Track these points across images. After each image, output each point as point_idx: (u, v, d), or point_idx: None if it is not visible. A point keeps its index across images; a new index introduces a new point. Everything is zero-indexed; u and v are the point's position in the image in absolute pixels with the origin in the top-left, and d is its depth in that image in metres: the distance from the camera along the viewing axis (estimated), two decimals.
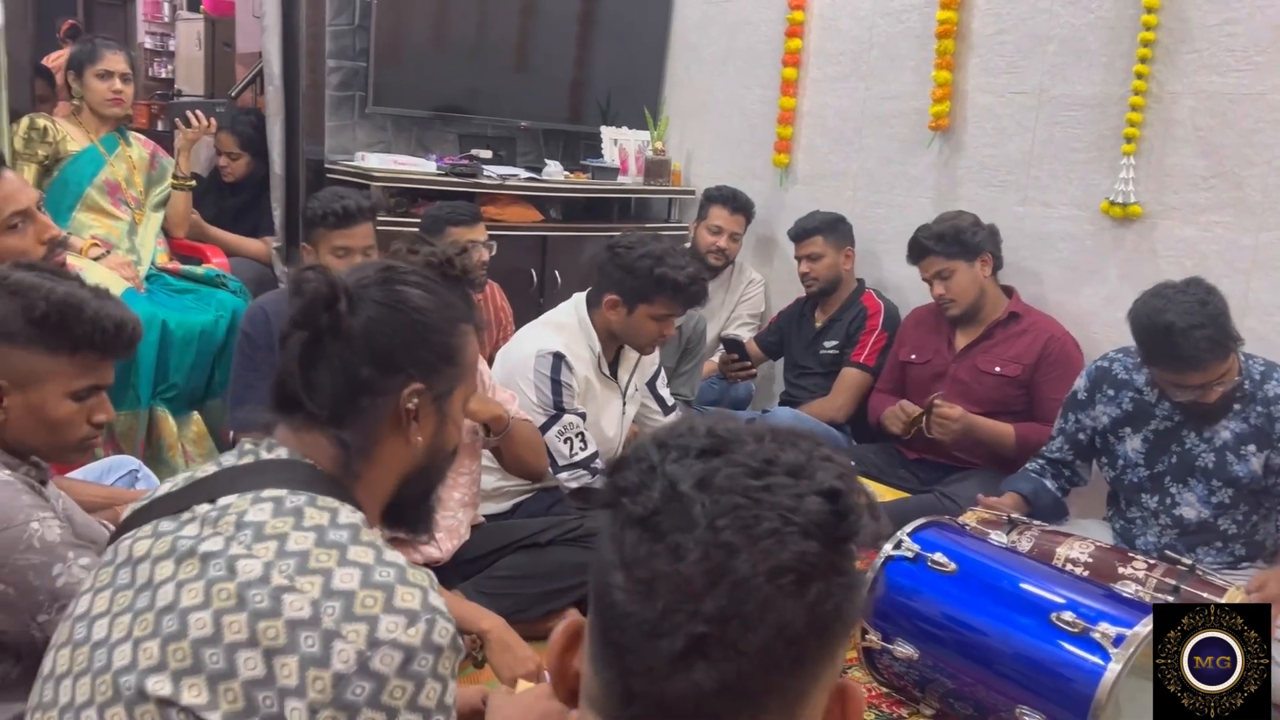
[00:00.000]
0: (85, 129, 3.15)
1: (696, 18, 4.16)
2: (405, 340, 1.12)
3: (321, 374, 1.10)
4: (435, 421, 1.17)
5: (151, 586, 0.99)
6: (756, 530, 0.61)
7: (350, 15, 3.74)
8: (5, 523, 1.34)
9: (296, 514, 1.01)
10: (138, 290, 2.98)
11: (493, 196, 3.72)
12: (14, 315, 1.39)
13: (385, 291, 1.13)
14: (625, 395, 2.69)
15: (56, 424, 1.44)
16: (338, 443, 1.10)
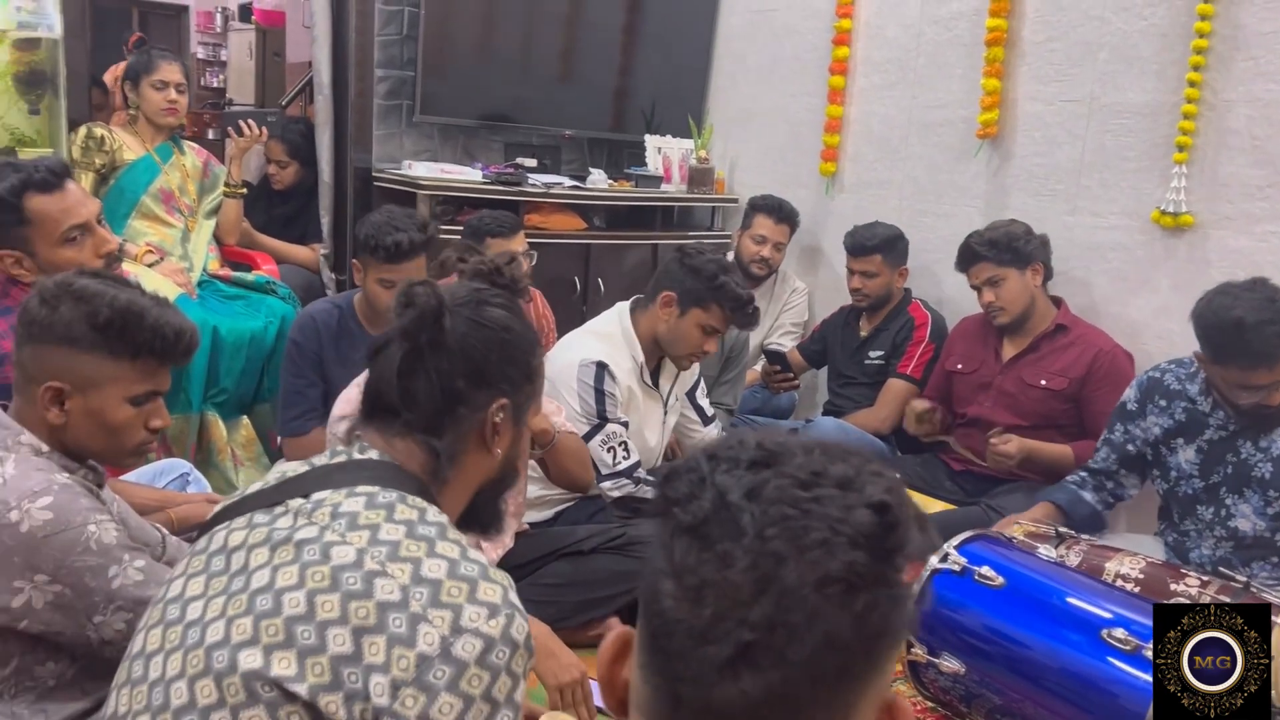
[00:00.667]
0: (141, 138, 3.22)
1: (742, 26, 4.15)
2: (497, 357, 1.21)
3: (419, 384, 1.17)
4: (512, 434, 1.25)
5: (246, 571, 1.04)
6: (805, 540, 0.61)
7: (399, 25, 3.78)
8: (63, 525, 1.36)
9: (388, 508, 1.07)
10: (190, 296, 3.03)
11: (537, 205, 3.74)
12: (78, 320, 1.42)
13: (476, 310, 1.22)
14: (667, 405, 2.69)
15: (115, 428, 1.47)
16: (429, 450, 1.17)
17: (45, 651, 1.41)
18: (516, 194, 3.68)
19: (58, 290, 1.44)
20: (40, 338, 1.43)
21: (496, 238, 2.92)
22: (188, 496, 2.18)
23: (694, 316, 2.49)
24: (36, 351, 1.44)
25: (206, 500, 2.15)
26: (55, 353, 1.43)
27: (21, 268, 1.88)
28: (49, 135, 2.97)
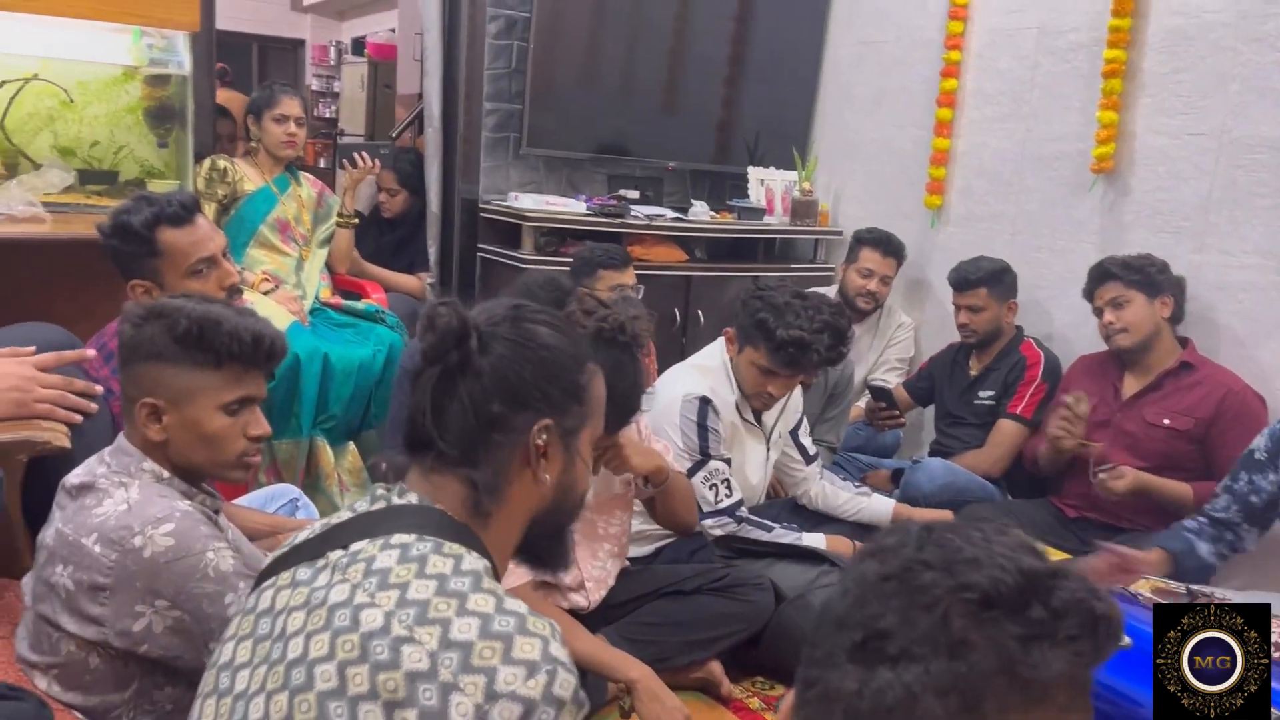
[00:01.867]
0: (260, 169, 3.32)
1: (849, 57, 4.11)
2: (534, 377, 1.12)
3: (452, 411, 1.09)
4: (563, 459, 1.16)
5: (284, 638, 1.00)
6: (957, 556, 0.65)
7: (507, 60, 3.85)
8: (184, 551, 1.39)
9: (420, 561, 1.01)
10: (302, 324, 3.10)
11: (639, 236, 3.75)
12: (161, 335, 1.46)
13: (515, 329, 1.13)
14: (770, 441, 2.64)
15: (213, 438, 1.49)
16: (468, 482, 1.09)
17: (164, 676, 1.44)
18: (619, 226, 3.70)
19: (143, 311, 1.48)
20: (131, 359, 1.48)
21: (608, 270, 2.93)
22: (296, 522, 2.21)
23: (747, 355, 2.44)
24: (130, 373, 1.49)
25: None
26: (146, 370, 1.47)
27: (150, 298, 1.94)
28: (176, 167, 3.10)
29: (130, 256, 1.97)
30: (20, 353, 1.77)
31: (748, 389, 2.48)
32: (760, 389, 2.45)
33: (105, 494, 1.43)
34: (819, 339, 2.36)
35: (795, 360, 2.36)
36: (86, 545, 1.38)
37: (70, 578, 1.39)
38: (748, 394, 2.50)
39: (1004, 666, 0.62)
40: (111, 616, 1.38)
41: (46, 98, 2.93)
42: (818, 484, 2.71)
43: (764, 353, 2.39)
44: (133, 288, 1.97)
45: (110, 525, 1.39)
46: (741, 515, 2.42)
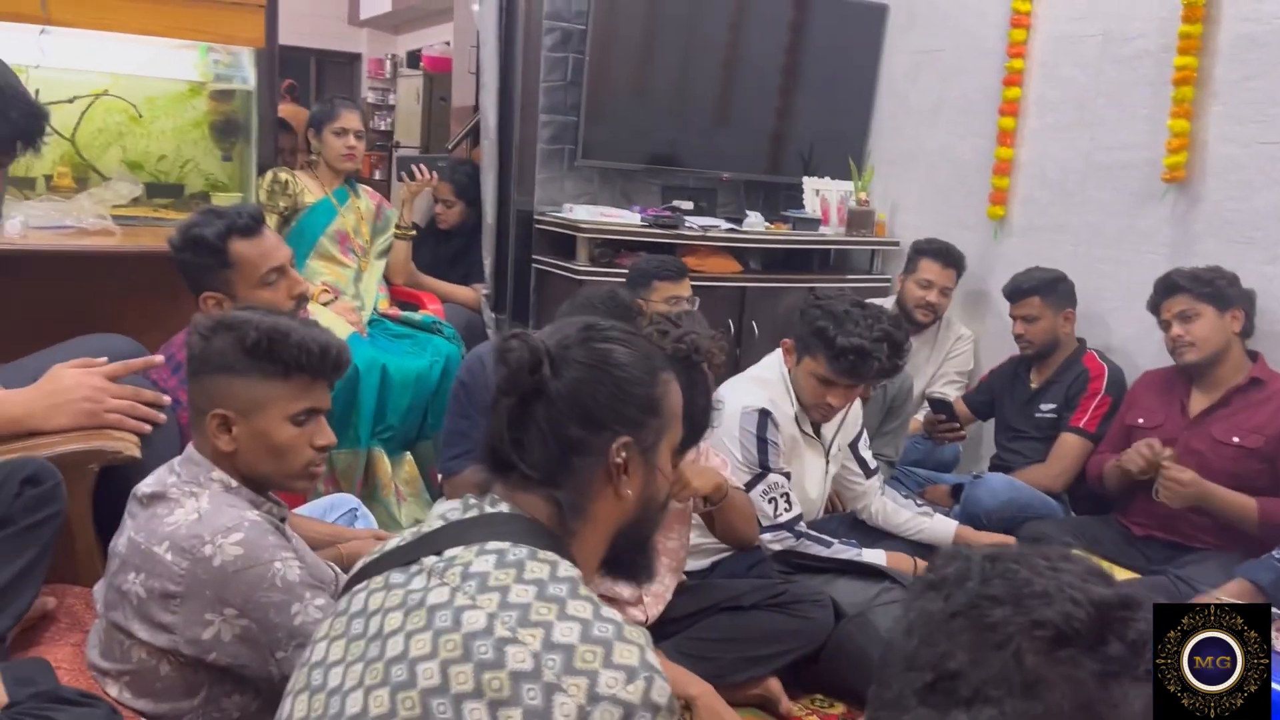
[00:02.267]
0: (320, 181, 3.37)
1: (906, 67, 4.07)
2: (609, 397, 1.14)
3: (531, 437, 1.12)
4: (644, 473, 1.17)
5: (381, 637, 1.02)
6: (1025, 590, 0.63)
7: (563, 72, 3.86)
8: (252, 561, 1.40)
9: (518, 567, 1.03)
10: (361, 335, 3.14)
11: (693, 247, 3.74)
12: (230, 347, 1.48)
13: (586, 351, 1.15)
14: (829, 454, 2.62)
15: (281, 449, 1.51)
16: (552, 502, 1.12)
17: (232, 684, 1.46)
18: (673, 237, 3.69)
19: (211, 324, 1.51)
20: (201, 370, 1.50)
21: (664, 281, 2.92)
22: (355, 532, 2.23)
23: (806, 365, 2.41)
24: (200, 384, 1.51)
25: (373, 537, 2.20)
26: (215, 382, 1.49)
27: (221, 309, 1.97)
28: (239, 180, 3.15)
29: (202, 268, 2.00)
30: (91, 363, 1.81)
31: (807, 400, 2.46)
32: (820, 399, 2.42)
33: (176, 503, 1.45)
34: (879, 348, 2.33)
35: (855, 369, 2.33)
36: (158, 553, 1.40)
37: (142, 585, 1.41)
38: (807, 405, 2.47)
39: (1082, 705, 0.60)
40: (181, 624, 1.40)
41: (116, 113, 3.00)
42: (878, 500, 2.67)
43: (823, 362, 2.36)
44: (204, 300, 1.99)
45: (181, 534, 1.41)
46: (800, 530, 2.40)
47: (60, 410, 1.70)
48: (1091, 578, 0.64)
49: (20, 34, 2.60)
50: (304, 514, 2.26)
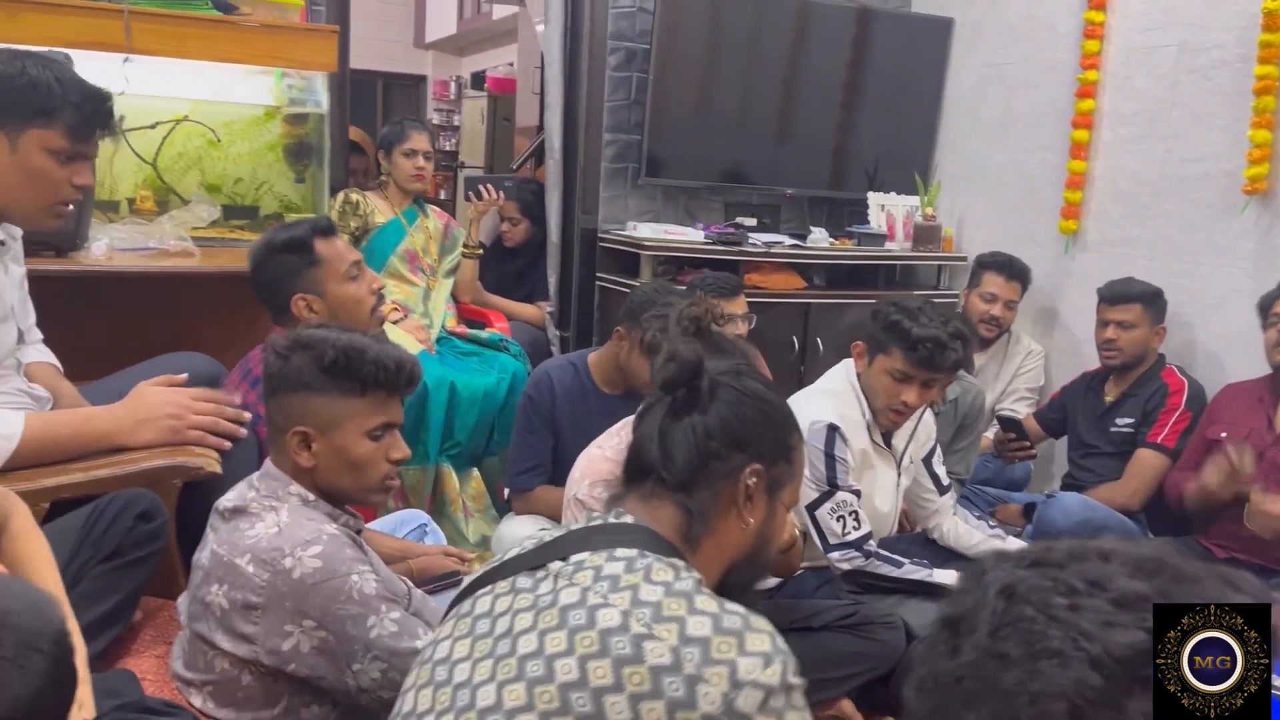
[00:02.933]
0: (390, 202, 3.43)
1: (973, 81, 4.03)
2: (754, 424, 1.23)
3: (677, 441, 1.21)
4: (766, 509, 1.24)
5: (511, 635, 1.07)
6: (1038, 647, 0.57)
7: (627, 91, 3.89)
8: (330, 574, 1.43)
9: (646, 570, 1.09)
10: (429, 352, 3.18)
11: (757, 264, 3.73)
12: (309, 366, 1.51)
13: (738, 380, 1.26)
14: (900, 467, 2.58)
15: (359, 463, 1.54)
16: (683, 509, 1.19)
17: (310, 695, 1.48)
18: (737, 254, 3.69)
19: (288, 343, 1.54)
20: (280, 389, 1.53)
21: (717, 299, 2.91)
22: (425, 548, 2.26)
23: (879, 364, 2.39)
24: (279, 402, 1.54)
25: (443, 553, 2.23)
26: (295, 400, 1.52)
27: (313, 311, 2.04)
28: (312, 202, 3.22)
29: (290, 272, 2.05)
30: (174, 381, 1.87)
31: (880, 401, 2.43)
32: (894, 398, 2.39)
33: (257, 517, 1.49)
34: (954, 342, 2.32)
35: (931, 359, 2.31)
36: (240, 565, 1.44)
37: (225, 596, 1.44)
38: (879, 409, 2.45)
39: None
40: (262, 635, 1.43)
41: (195, 138, 3.09)
42: (950, 519, 2.62)
43: (898, 354, 2.34)
44: (295, 301, 2.05)
45: (263, 546, 1.44)
46: (870, 549, 2.36)
47: (146, 427, 1.75)
48: (1122, 610, 0.58)
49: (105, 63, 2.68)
50: (375, 529, 2.30)
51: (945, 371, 2.39)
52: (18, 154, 1.68)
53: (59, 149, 1.71)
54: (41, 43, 2.42)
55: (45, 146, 1.70)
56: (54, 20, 2.63)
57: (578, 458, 2.15)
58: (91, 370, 2.15)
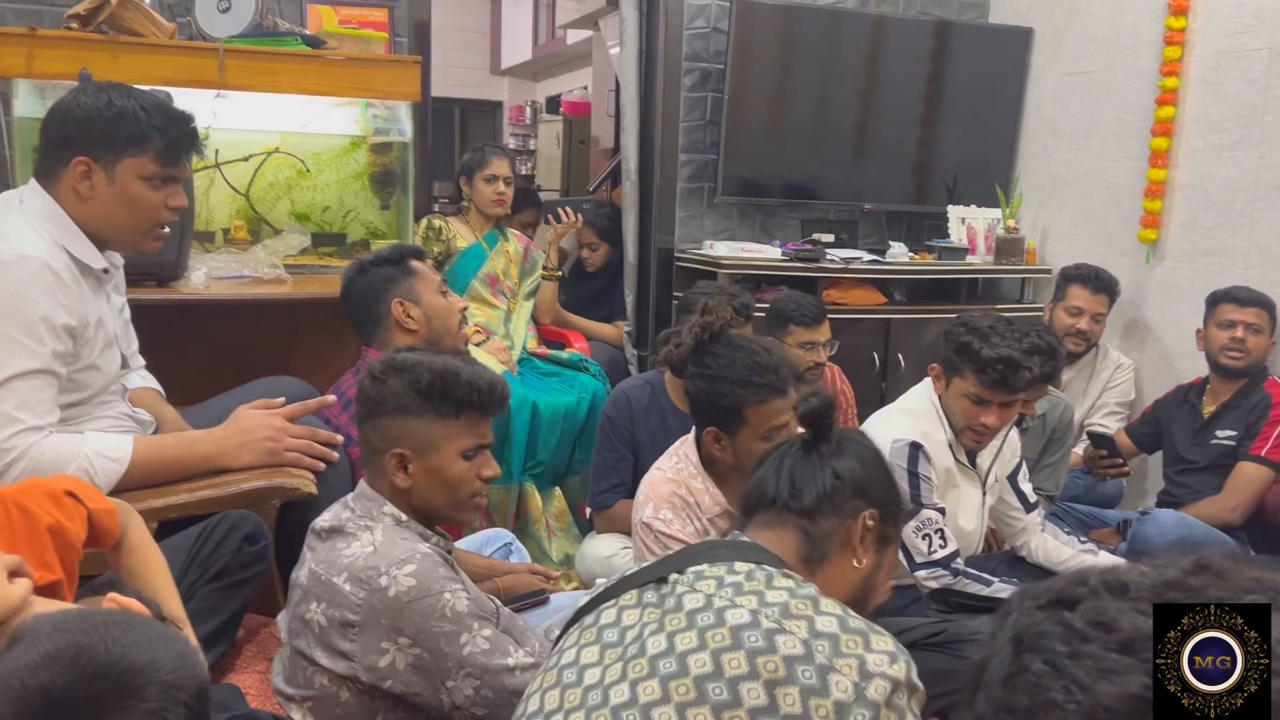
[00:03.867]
0: (471, 227, 3.50)
1: (1054, 90, 3.96)
2: (878, 475, 1.35)
3: (805, 473, 1.30)
4: (875, 557, 1.32)
5: (640, 640, 1.12)
6: (1039, 700, 0.55)
7: (702, 111, 3.92)
8: (424, 592, 1.46)
9: (768, 577, 1.15)
10: (511, 373, 3.23)
11: (835, 280, 3.71)
12: (405, 390, 1.54)
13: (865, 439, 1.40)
14: (985, 485, 2.53)
15: (453, 482, 1.57)
16: (804, 532, 1.27)
17: (405, 711, 1.51)
18: (815, 270, 3.67)
19: (384, 367, 1.58)
20: (377, 412, 1.57)
21: (799, 326, 2.90)
22: (511, 566, 2.29)
23: (955, 387, 2.34)
24: (376, 425, 1.57)
25: (529, 571, 2.26)
26: (392, 423, 1.55)
27: (409, 316, 2.14)
28: (396, 228, 3.31)
29: (387, 280, 2.17)
30: (271, 404, 1.93)
31: (960, 424, 2.39)
32: (974, 421, 2.35)
33: (353, 537, 1.53)
34: (1029, 358, 2.27)
35: (1005, 380, 2.25)
36: (338, 584, 1.47)
37: (323, 614, 1.48)
38: (961, 431, 2.41)
39: None
40: (360, 652, 1.46)
41: (285, 168, 3.20)
42: (1038, 536, 2.57)
43: (972, 378, 2.29)
44: (394, 305, 2.15)
45: (359, 565, 1.47)
46: (958, 567, 2.33)
47: (245, 449, 1.82)
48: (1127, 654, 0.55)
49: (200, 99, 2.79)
50: (462, 547, 2.33)
51: (1022, 391, 2.34)
52: (115, 184, 1.77)
53: (152, 174, 1.79)
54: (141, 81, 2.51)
55: (139, 174, 1.78)
56: (152, 59, 2.75)
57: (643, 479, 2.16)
58: (191, 394, 2.23)
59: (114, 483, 1.68)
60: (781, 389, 1.95)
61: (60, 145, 1.77)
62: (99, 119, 1.76)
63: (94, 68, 2.56)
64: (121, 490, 1.69)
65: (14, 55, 2.65)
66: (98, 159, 1.76)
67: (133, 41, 2.73)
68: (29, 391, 1.63)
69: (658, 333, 4.17)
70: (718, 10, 3.88)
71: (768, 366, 1.95)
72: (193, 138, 1.86)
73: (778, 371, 1.96)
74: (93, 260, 1.80)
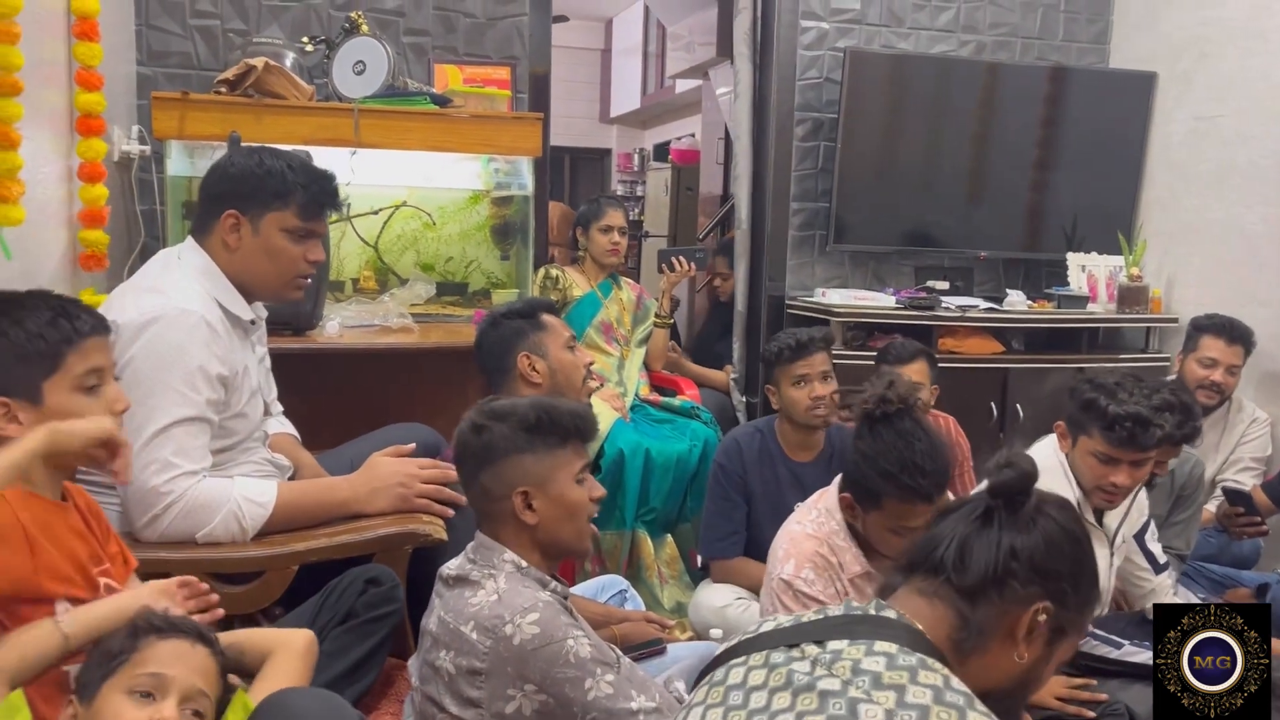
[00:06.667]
0: (587, 276, 3.58)
1: (1182, 134, 3.86)
2: (1064, 562, 1.16)
3: (979, 548, 1.15)
4: (1042, 650, 1.17)
5: (768, 711, 1.05)
6: None
7: (814, 161, 3.94)
8: (548, 639, 1.49)
9: (911, 671, 1.04)
10: (624, 420, 3.27)
11: (951, 328, 3.66)
12: (513, 431, 1.59)
13: (1065, 516, 1.20)
14: (1113, 546, 2.45)
15: (574, 508, 1.62)
16: (961, 616, 1.14)
17: None
18: (930, 318, 3.63)
19: (480, 419, 1.62)
20: (490, 459, 1.60)
21: (896, 364, 2.89)
22: (627, 613, 2.31)
23: (1082, 445, 2.26)
24: (493, 473, 1.60)
25: (644, 619, 2.27)
26: (509, 465, 1.59)
27: (535, 370, 2.20)
28: (516, 277, 3.41)
29: (518, 333, 2.23)
30: (402, 450, 2.00)
31: (1089, 483, 2.32)
32: (1103, 480, 2.27)
33: (478, 585, 1.56)
34: (1159, 416, 2.19)
35: (1133, 438, 2.18)
36: (465, 632, 1.52)
37: (452, 662, 1.52)
38: (1090, 490, 2.34)
39: None
40: (487, 699, 1.50)
41: (412, 220, 3.33)
42: (1169, 600, 2.47)
43: (1099, 436, 2.23)
44: (520, 359, 2.21)
45: (484, 614, 1.51)
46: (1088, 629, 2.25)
47: (379, 495, 1.89)
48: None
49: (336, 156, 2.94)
50: (577, 594, 2.36)
51: (1154, 449, 2.27)
52: (259, 235, 1.89)
53: (293, 228, 1.91)
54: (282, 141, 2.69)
55: (282, 226, 1.90)
56: (292, 120, 2.91)
57: (777, 532, 2.15)
58: (323, 438, 2.33)
59: (259, 526, 1.77)
60: (926, 496, 1.88)
61: (214, 201, 1.90)
62: (250, 176, 1.89)
63: (241, 129, 2.73)
64: (266, 533, 1.78)
65: (168, 118, 2.84)
66: (246, 212, 1.88)
67: (276, 104, 2.90)
68: (185, 438, 1.73)
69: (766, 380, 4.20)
70: (830, 60, 3.91)
71: (921, 469, 1.88)
72: (333, 195, 1.97)
73: (929, 477, 1.88)
74: (241, 312, 1.91)
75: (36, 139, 2.22)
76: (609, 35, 9.68)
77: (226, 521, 1.74)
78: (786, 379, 2.70)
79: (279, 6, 3.40)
